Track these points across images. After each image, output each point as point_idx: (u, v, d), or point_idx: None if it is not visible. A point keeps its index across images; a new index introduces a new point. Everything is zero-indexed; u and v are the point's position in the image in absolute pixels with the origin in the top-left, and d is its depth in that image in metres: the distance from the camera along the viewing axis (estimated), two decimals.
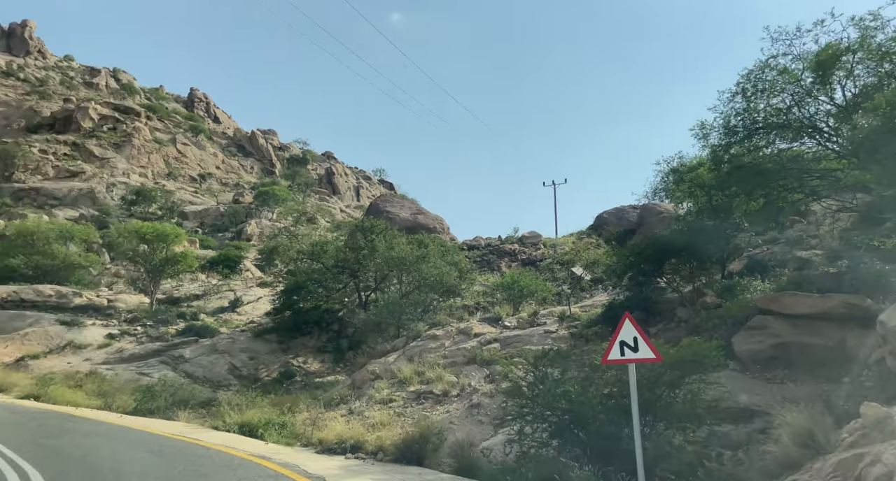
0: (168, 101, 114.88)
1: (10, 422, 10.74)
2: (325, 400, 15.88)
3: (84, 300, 24.76)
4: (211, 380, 22.20)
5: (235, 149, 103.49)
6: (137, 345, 22.60)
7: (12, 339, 21.41)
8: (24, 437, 9.43)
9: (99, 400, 16.44)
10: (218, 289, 28.34)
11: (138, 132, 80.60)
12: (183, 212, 67.32)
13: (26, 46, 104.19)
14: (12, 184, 65.27)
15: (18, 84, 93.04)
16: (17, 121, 79.48)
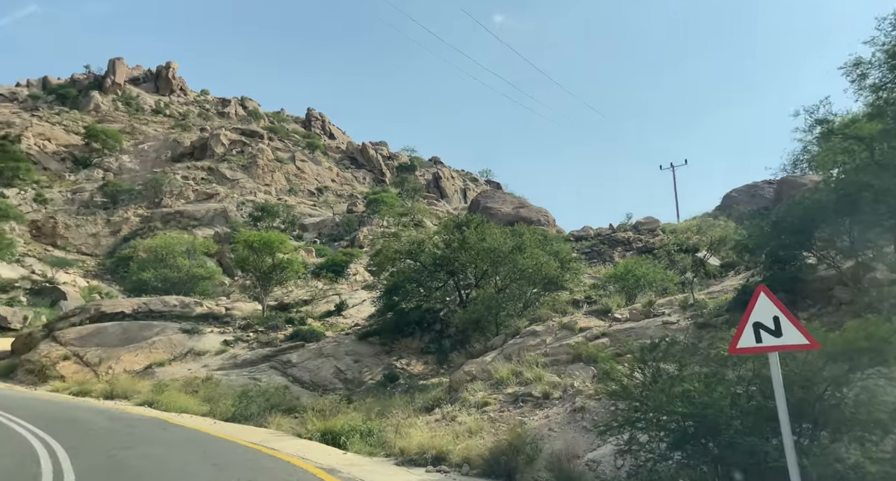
0: (288, 122, 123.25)
1: (101, 430, 10.77)
2: (418, 404, 14.81)
3: (204, 309, 26.08)
4: (317, 384, 22.18)
5: (349, 162, 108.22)
6: (249, 351, 23.18)
7: (141, 348, 22.88)
8: (99, 446, 9.24)
9: (206, 406, 16.65)
10: (325, 294, 28.74)
11: (262, 153, 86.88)
12: (303, 225, 71.23)
13: (170, 86, 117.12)
14: (161, 209, 73.00)
15: (165, 119, 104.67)
16: (165, 153, 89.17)
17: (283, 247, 26.16)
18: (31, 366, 21.44)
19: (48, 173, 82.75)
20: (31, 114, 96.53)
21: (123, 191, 74.73)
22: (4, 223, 62.49)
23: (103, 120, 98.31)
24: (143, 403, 17.33)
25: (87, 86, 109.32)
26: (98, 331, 23.20)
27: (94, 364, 21.93)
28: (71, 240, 67.10)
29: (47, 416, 12.12)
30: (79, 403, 15.64)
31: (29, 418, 11.54)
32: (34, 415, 12.00)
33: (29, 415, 11.86)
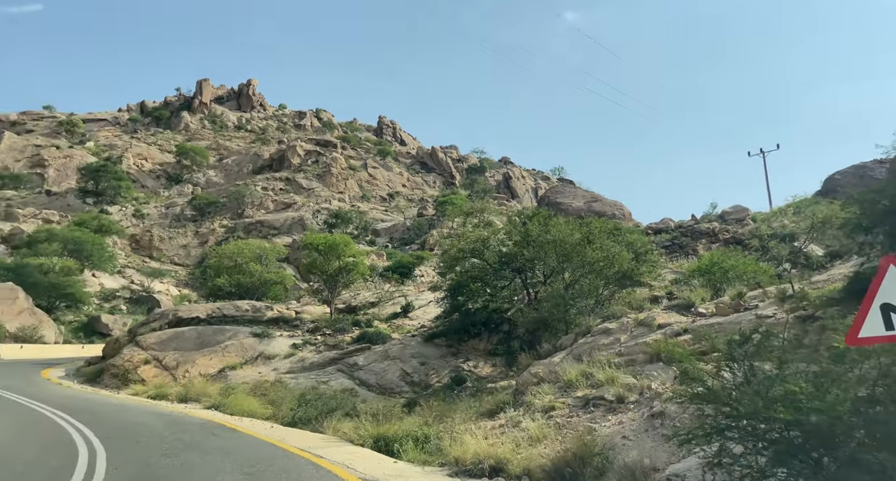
0: (360, 131, 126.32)
1: (151, 436, 10.62)
2: (481, 408, 13.82)
3: (275, 313, 26.40)
4: (383, 387, 21.70)
5: (419, 167, 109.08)
6: (317, 354, 23.08)
7: (215, 352, 23.36)
8: (140, 453, 9.02)
9: (270, 410, 16.47)
10: (391, 296, 28.39)
11: (335, 162, 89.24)
12: (375, 230, 72.25)
13: (251, 102, 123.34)
14: (244, 219, 76.50)
15: (247, 134, 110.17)
16: (246, 166, 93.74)
17: (347, 249, 26.04)
18: (115, 370, 22.37)
19: (145, 190, 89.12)
20: (131, 136, 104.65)
21: (210, 204, 79.02)
22: (108, 237, 67.72)
23: (192, 138, 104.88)
24: (211, 407, 17.41)
25: (178, 107, 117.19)
26: (175, 335, 23.92)
27: (171, 367, 22.56)
28: (165, 252, 71.63)
29: (107, 421, 12.19)
30: (147, 407, 15.86)
31: (89, 422, 11.63)
32: (95, 420, 12.10)
33: (90, 420, 11.97)
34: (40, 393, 17.46)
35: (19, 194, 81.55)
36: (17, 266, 48.73)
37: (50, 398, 15.98)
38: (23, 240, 56.91)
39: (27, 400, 15.16)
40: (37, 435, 10.47)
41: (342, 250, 25.69)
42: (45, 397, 16.12)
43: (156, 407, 16.10)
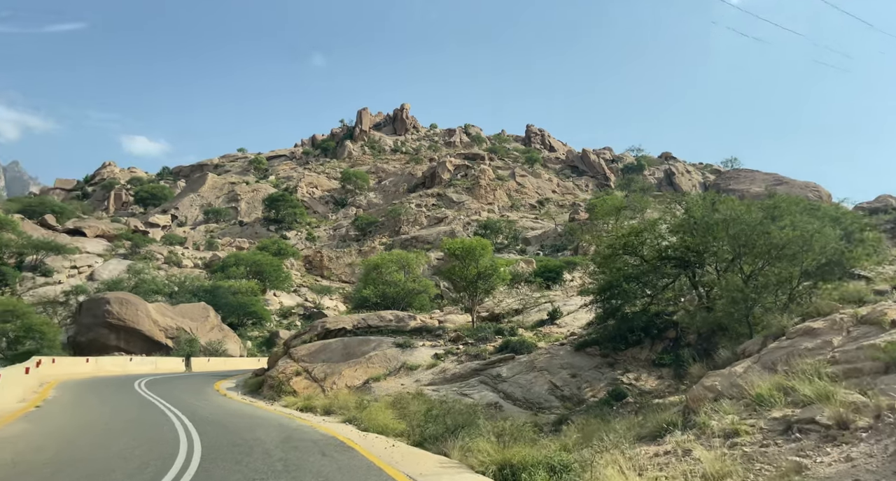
0: (508, 141, 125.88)
1: (259, 454, 9.84)
2: (641, 430, 11.09)
3: (418, 323, 25.68)
4: (530, 401, 19.50)
5: (570, 171, 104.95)
6: (458, 365, 21.68)
7: (360, 363, 23.11)
8: (234, 474, 8.02)
9: (402, 424, 15.27)
10: (536, 302, 26.11)
11: (483, 173, 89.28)
12: (525, 238, 70.18)
13: (405, 125, 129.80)
14: (400, 236, 79.50)
15: (402, 156, 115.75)
16: (402, 186, 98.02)
17: (485, 252, 24.46)
18: (271, 382, 23.10)
19: (317, 215, 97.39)
20: (304, 167, 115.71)
21: (370, 224, 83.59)
22: (286, 260, 74.66)
23: (354, 164, 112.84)
24: (346, 420, 16.74)
25: (342, 137, 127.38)
26: (324, 347, 24.17)
27: (320, 379, 22.69)
28: (333, 270, 76.91)
29: (227, 435, 11.77)
30: (281, 420, 15.53)
31: (207, 435, 11.32)
32: (215, 434, 11.78)
33: (210, 433, 11.68)
34: (196, 403, 18.23)
35: (219, 226, 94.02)
36: (213, 287, 55.03)
37: (198, 408, 16.43)
38: (217, 264, 64.69)
39: (173, 408, 15.70)
40: (146, 445, 10.16)
41: (479, 254, 24.17)
42: (195, 407, 16.65)
43: (291, 420, 15.70)
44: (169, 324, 40.15)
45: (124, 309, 38.66)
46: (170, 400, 18.15)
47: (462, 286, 24.93)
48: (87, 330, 38.72)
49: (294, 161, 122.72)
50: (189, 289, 56.80)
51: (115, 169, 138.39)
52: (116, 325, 38.20)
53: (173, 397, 19.47)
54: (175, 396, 19.74)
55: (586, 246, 51.63)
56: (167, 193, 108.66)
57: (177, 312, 41.55)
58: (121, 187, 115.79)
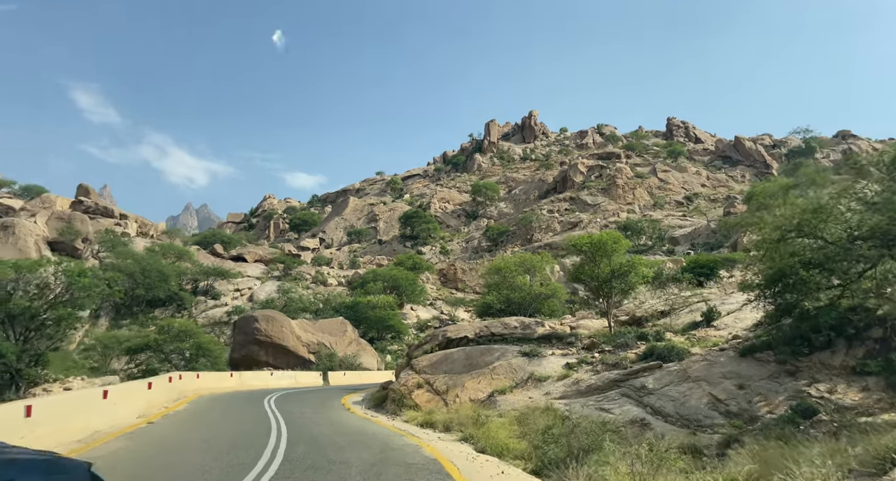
0: (647, 138, 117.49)
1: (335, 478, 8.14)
2: (849, 462, 7.82)
3: (546, 329, 23.16)
4: (685, 418, 16.05)
5: (721, 162, 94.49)
6: (594, 375, 18.82)
7: (483, 374, 21.18)
8: None
9: (523, 445, 13.04)
10: (687, 302, 22.16)
11: (620, 172, 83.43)
12: (672, 238, 63.51)
13: (533, 132, 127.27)
14: (533, 243, 76.77)
15: (531, 163, 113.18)
16: (532, 193, 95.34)
17: (618, 247, 21.26)
18: (393, 395, 22.02)
19: (449, 229, 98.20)
20: (436, 183, 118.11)
21: (501, 234, 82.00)
22: (421, 274, 75.68)
23: (484, 176, 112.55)
24: (462, 439, 14.87)
25: (471, 151, 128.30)
26: (445, 357, 22.64)
27: (442, 392, 21.13)
28: (467, 282, 76.26)
29: (313, 456, 10.49)
30: (390, 438, 14.06)
31: (294, 456, 10.09)
32: (306, 453, 10.56)
33: (300, 453, 10.48)
34: (312, 419, 17.56)
35: (361, 246, 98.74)
36: (353, 303, 56.84)
37: (309, 425, 15.65)
38: (357, 281, 67.11)
39: (282, 425, 14.97)
40: (221, 467, 9.04)
41: (612, 249, 21.05)
42: (307, 424, 15.91)
43: (400, 438, 14.17)
44: (310, 339, 41.57)
45: (270, 325, 40.69)
46: (287, 416, 17.63)
47: (594, 287, 21.94)
48: (240, 347, 41.28)
49: (427, 178, 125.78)
50: (332, 305, 59.31)
51: (273, 201, 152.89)
52: (264, 342, 40.27)
53: (293, 412, 19.04)
54: (295, 411, 19.32)
55: (746, 242, 45.02)
56: (316, 219, 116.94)
57: (317, 328, 43.01)
58: (278, 217, 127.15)
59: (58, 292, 20.08)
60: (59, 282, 20.12)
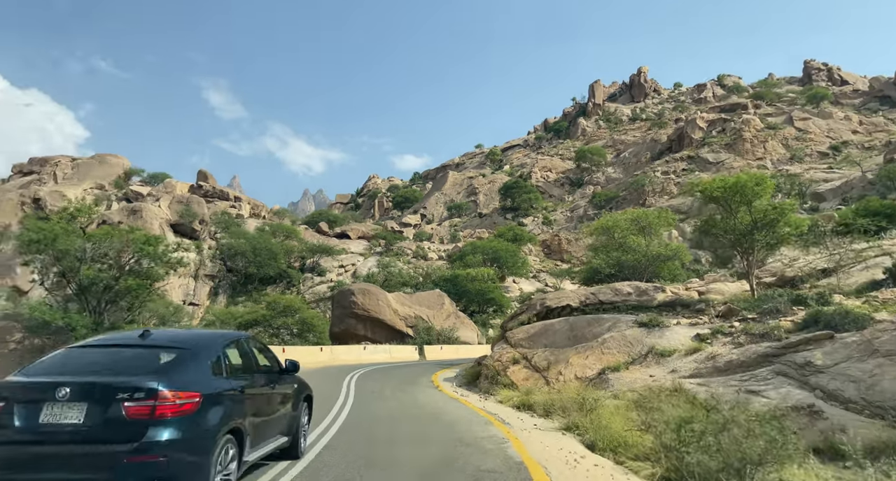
0: (779, 85, 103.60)
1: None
2: None
3: (668, 295, 19.21)
4: (876, 405, 11.80)
5: (877, 103, 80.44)
6: (735, 349, 14.88)
7: (591, 348, 17.82)
8: None
9: (647, 440, 9.77)
10: (860, 256, 17.09)
11: (747, 125, 73.59)
12: (816, 193, 54.48)
13: (643, 90, 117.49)
14: (646, 208, 70.35)
15: (641, 124, 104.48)
16: (643, 155, 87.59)
17: (762, 190, 16.64)
18: (486, 372, 19.36)
19: (552, 199, 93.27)
20: (536, 152, 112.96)
21: (609, 200, 76.04)
22: (524, 246, 72.23)
23: (589, 141, 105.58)
24: (565, 427, 11.84)
25: (574, 116, 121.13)
26: (544, 329, 19.51)
27: (542, 368, 18.09)
28: (573, 253, 71.63)
29: (355, 452, 7.90)
30: (473, 425, 11.44)
31: (335, 451, 7.59)
32: (347, 449, 8.00)
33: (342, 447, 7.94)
34: (391, 397, 15.44)
35: (461, 220, 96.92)
36: (452, 276, 54.96)
37: (384, 406, 13.54)
38: (456, 254, 65.19)
39: (349, 405, 12.79)
40: None
41: (754, 193, 16.51)
42: (383, 404, 13.81)
43: (485, 427, 11.45)
44: (407, 312, 40.08)
45: (367, 299, 39.64)
46: (361, 396, 15.64)
47: (729, 243, 17.56)
48: (339, 320, 40.72)
49: (527, 148, 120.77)
50: (432, 279, 57.86)
51: (377, 180, 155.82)
52: (361, 315, 39.32)
53: (371, 391, 17.02)
54: (374, 390, 17.28)
55: None
56: (417, 195, 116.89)
57: (414, 301, 41.44)
58: (382, 195, 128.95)
59: (126, 261, 19.68)
60: (130, 251, 19.68)
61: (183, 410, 4.70)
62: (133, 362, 5.12)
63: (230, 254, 65.65)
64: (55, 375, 4.83)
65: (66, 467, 4.42)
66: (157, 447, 4.49)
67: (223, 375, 5.56)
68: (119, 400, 4.55)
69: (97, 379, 4.78)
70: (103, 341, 5.80)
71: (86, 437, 4.46)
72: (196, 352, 5.44)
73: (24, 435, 4.49)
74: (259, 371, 6.41)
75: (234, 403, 5.43)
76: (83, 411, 4.53)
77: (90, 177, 69.29)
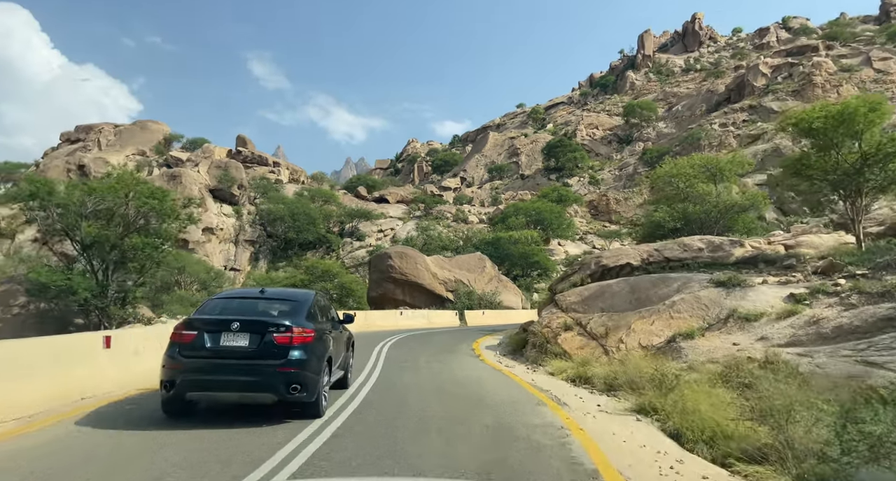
0: (852, 25, 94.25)
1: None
2: None
3: (747, 250, 16.36)
4: None
5: None
6: (844, 311, 12.15)
7: (657, 312, 15.31)
8: None
9: (757, 431, 7.34)
10: None
11: (818, 68, 66.89)
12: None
13: (698, 38, 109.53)
14: None
15: (695, 75, 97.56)
16: (698, 107, 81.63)
17: (876, 116, 13.36)
18: (534, 339, 17.14)
19: (599, 158, 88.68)
20: (582, 109, 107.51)
21: (661, 156, 71.29)
22: (569, 207, 68.83)
23: (638, 95, 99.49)
24: (637, 408, 9.57)
25: (622, 69, 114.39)
26: (600, 291, 17.06)
27: (599, 335, 15.73)
28: (622, 213, 67.83)
29: (367, 451, 5.80)
30: (521, 405, 9.39)
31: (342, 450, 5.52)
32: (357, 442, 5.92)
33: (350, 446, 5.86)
34: (425, 368, 13.59)
35: (503, 182, 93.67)
36: (494, 240, 52.63)
37: (410, 382, 11.53)
38: (498, 217, 62.57)
39: (374, 376, 10.82)
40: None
41: (862, 124, 13.26)
42: (407, 379, 11.82)
43: (538, 408, 9.33)
44: (447, 276, 38.10)
45: (404, 262, 37.82)
46: (390, 367, 13.82)
47: (828, 186, 14.47)
48: (376, 285, 39.15)
49: (571, 105, 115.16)
50: (473, 242, 55.67)
51: (416, 144, 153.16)
52: (399, 280, 37.58)
53: (404, 361, 15.17)
54: (407, 360, 15.43)
55: None
56: (457, 159, 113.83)
57: (453, 264, 39.38)
58: (421, 160, 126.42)
59: (131, 216, 18.13)
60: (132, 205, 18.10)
61: (305, 340, 6.88)
62: (266, 308, 7.53)
63: (269, 220, 65.06)
64: (226, 314, 7.03)
65: (239, 372, 6.57)
66: (294, 363, 6.68)
67: (317, 320, 7.67)
68: (270, 331, 6.72)
69: (256, 318, 7.03)
70: (238, 294, 8.53)
71: (251, 354, 6.65)
72: (302, 302, 7.65)
73: (212, 352, 6.66)
74: (329, 319, 8.58)
75: (326, 338, 7.67)
76: (248, 338, 6.69)
77: (132, 144, 69.46)
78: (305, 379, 6.71)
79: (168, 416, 6.83)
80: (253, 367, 6.56)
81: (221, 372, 6.50)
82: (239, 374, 6.51)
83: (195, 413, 7.07)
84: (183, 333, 6.73)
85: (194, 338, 6.65)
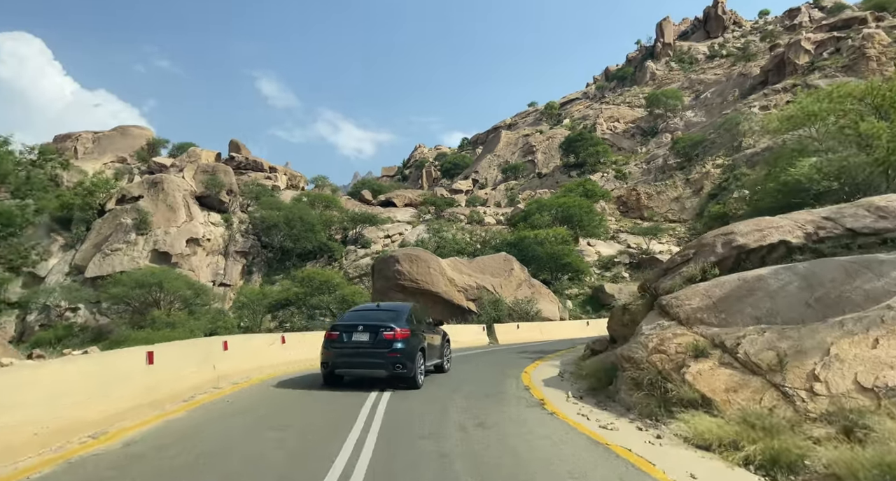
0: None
1: None
2: None
3: None
4: None
5: None
6: None
7: (879, 323, 8.43)
8: None
9: None
10: None
11: (871, 40, 59.74)
12: None
13: (721, 23, 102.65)
14: (744, 151, 58.37)
15: (722, 60, 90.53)
16: (730, 93, 74.63)
17: None
18: (633, 374, 10.24)
19: (622, 151, 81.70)
20: (600, 103, 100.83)
21: (695, 146, 64.25)
22: (595, 203, 61.86)
23: (660, 85, 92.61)
24: None
25: (640, 60, 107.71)
26: (745, 288, 10.19)
27: (766, 368, 8.92)
28: (656, 209, 60.64)
29: None
30: None
31: None
32: None
33: None
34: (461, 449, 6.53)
35: (518, 182, 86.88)
36: (516, 240, 45.83)
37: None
38: (519, 216, 55.74)
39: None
40: None
41: None
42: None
43: None
44: (467, 282, 31.19)
45: (415, 266, 30.96)
46: (401, 432, 6.81)
47: None
48: (380, 295, 32.27)
49: (588, 100, 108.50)
50: (491, 245, 48.81)
51: (424, 150, 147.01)
52: (409, 287, 30.69)
53: (421, 419, 8.26)
54: (424, 415, 8.51)
55: None
56: (468, 161, 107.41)
57: (474, 267, 32.51)
58: (429, 164, 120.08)
59: None
60: None
61: (404, 336, 11.29)
62: (380, 316, 12.01)
63: (263, 228, 58.54)
64: (354, 321, 11.88)
65: (364, 356, 11.22)
66: (397, 350, 11.09)
67: (412, 323, 12.02)
68: (381, 330, 11.27)
69: (372, 323, 11.57)
70: (362, 307, 13.77)
71: (370, 346, 11.22)
72: (402, 311, 12.27)
73: (347, 344, 11.35)
74: (421, 322, 12.81)
75: (419, 336, 12.06)
76: (367, 336, 11.32)
77: (111, 151, 63.52)
78: (405, 362, 11.07)
79: (325, 383, 11.64)
80: (372, 353, 11.11)
81: (354, 356, 11.28)
82: (364, 357, 11.20)
83: (341, 384, 11.62)
84: (331, 333, 11.57)
85: (337, 336, 11.45)
